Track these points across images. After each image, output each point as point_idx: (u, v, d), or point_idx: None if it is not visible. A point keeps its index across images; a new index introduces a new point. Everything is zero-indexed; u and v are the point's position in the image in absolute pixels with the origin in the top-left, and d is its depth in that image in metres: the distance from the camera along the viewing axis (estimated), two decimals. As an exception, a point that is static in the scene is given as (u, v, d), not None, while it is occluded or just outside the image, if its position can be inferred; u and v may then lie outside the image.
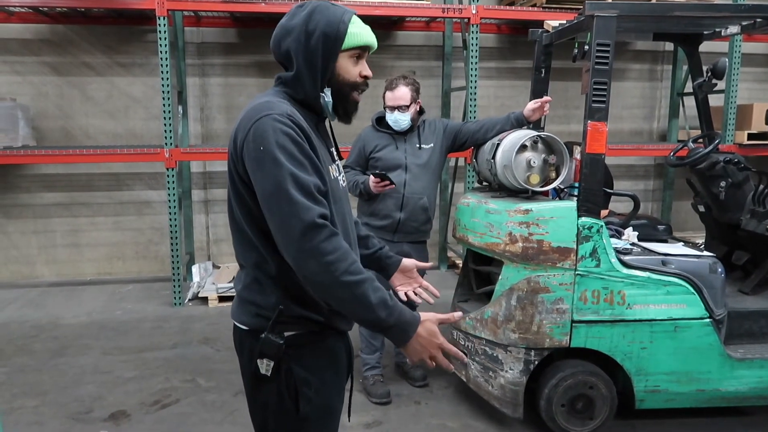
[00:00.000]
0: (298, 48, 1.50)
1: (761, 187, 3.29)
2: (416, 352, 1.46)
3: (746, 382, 2.94)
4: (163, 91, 4.82)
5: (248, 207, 1.47)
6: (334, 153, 1.66)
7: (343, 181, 1.66)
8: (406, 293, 1.80)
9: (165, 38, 4.75)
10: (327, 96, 1.54)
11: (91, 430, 3.08)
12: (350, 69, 1.55)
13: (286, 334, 1.50)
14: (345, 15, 1.51)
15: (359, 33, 1.52)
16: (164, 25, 4.74)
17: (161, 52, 4.76)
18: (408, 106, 3.25)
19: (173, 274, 5.07)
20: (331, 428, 1.62)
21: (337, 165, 1.64)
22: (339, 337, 1.60)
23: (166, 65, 4.78)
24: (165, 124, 4.87)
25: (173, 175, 4.96)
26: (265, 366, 1.49)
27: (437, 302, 1.75)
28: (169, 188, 4.98)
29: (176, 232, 5.05)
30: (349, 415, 1.76)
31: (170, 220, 5.03)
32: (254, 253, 1.50)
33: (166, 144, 4.90)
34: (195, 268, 5.59)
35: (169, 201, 5.00)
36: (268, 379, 1.50)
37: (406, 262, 1.81)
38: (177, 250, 5.06)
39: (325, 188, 1.45)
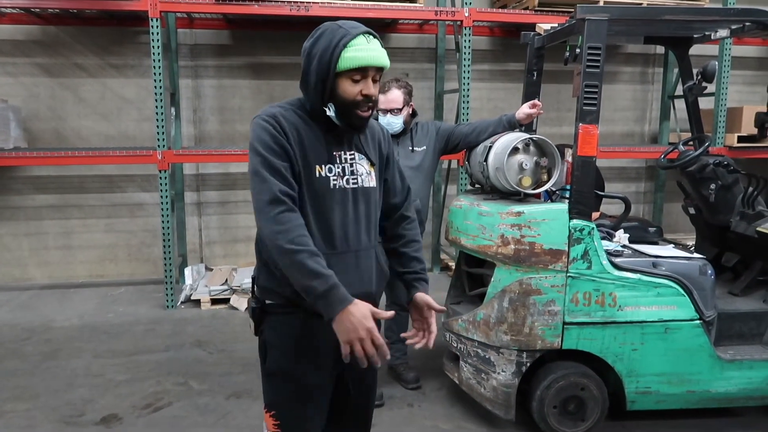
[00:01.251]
0: (304, 68, 1.71)
1: (750, 189, 3.32)
2: (345, 330, 1.55)
3: (736, 383, 2.97)
4: (155, 93, 4.81)
5: None
6: (346, 156, 1.77)
7: (351, 183, 1.75)
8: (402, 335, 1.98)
9: (158, 40, 4.74)
10: (330, 110, 1.70)
11: (83, 434, 3.07)
12: (348, 89, 1.68)
13: (266, 302, 1.77)
14: (343, 39, 1.63)
15: (354, 57, 1.64)
16: (157, 26, 4.73)
17: (154, 53, 4.75)
18: (400, 109, 3.27)
19: (166, 277, 5.06)
20: (300, 396, 1.78)
21: (345, 167, 1.76)
22: (317, 318, 1.63)
23: (159, 67, 4.77)
24: (158, 126, 4.86)
25: (166, 177, 4.95)
26: (251, 325, 1.82)
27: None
28: (161, 190, 4.97)
29: (169, 234, 5.03)
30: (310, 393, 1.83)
31: (163, 222, 5.01)
32: (257, 234, 1.75)
33: (158, 146, 4.89)
34: (188, 271, 5.58)
35: (162, 203, 4.99)
36: (256, 336, 1.84)
37: (418, 298, 1.87)
38: (170, 252, 5.04)
39: (298, 173, 1.67)
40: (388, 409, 3.31)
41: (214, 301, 5.10)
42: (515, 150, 2.89)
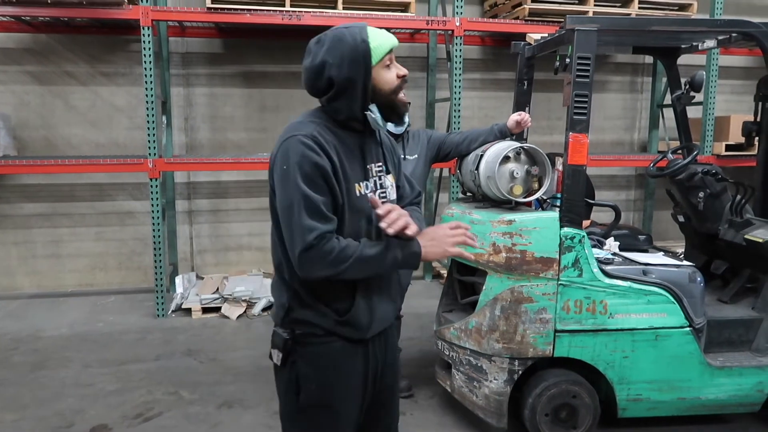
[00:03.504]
0: (333, 82, 1.59)
1: (738, 197, 3.36)
2: (435, 253, 1.63)
3: (725, 389, 2.99)
4: (147, 101, 4.80)
5: (276, 215, 1.65)
6: (375, 168, 1.73)
7: (381, 197, 1.71)
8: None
9: (149, 48, 4.73)
10: (374, 112, 1.64)
11: (72, 445, 3.04)
12: (387, 77, 1.65)
13: (297, 331, 1.66)
14: (361, 34, 1.60)
15: (380, 44, 1.62)
16: (148, 35, 4.73)
17: (145, 61, 4.74)
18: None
19: (156, 285, 5.03)
20: (332, 428, 1.70)
21: (375, 180, 1.72)
22: (350, 345, 1.68)
23: (150, 75, 4.76)
24: (149, 134, 4.85)
25: (157, 186, 4.93)
26: (275, 355, 1.69)
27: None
28: (152, 198, 4.95)
29: (159, 242, 5.01)
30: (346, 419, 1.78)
31: (153, 230, 4.99)
32: (276, 256, 1.69)
33: (149, 154, 4.88)
34: (178, 279, 5.55)
35: (153, 211, 4.97)
36: (282, 368, 1.69)
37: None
38: (160, 260, 5.02)
39: (341, 204, 1.59)
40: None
41: (205, 310, 5.07)
42: (506, 159, 2.90)
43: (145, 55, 4.74)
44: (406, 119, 3.27)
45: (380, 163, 1.76)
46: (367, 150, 1.71)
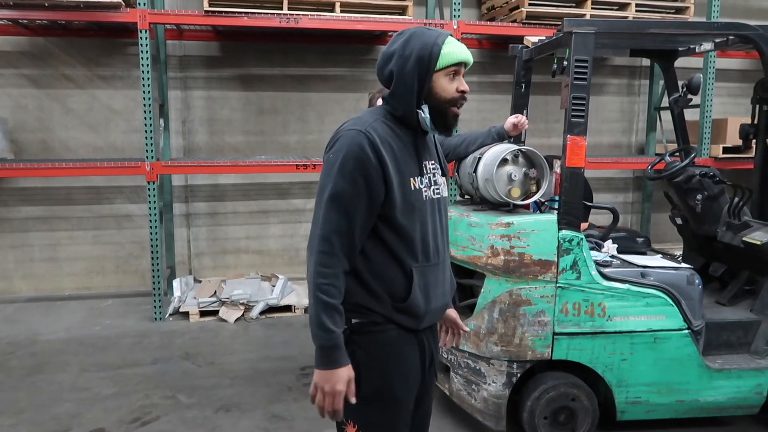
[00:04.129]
0: (396, 71, 1.65)
1: (736, 199, 3.36)
2: (322, 381, 1.59)
3: (724, 392, 2.99)
4: (144, 104, 4.79)
5: None
6: (429, 165, 1.77)
7: (435, 193, 1.76)
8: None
9: (147, 51, 4.73)
10: (424, 112, 1.67)
11: (69, 449, 3.02)
12: (446, 86, 1.69)
13: (354, 320, 1.66)
14: (439, 38, 1.65)
15: (452, 52, 1.66)
16: (146, 38, 4.72)
17: (143, 65, 4.74)
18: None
19: (154, 289, 5.01)
20: (393, 415, 1.72)
21: (429, 177, 1.75)
22: (405, 333, 1.71)
23: (148, 78, 4.76)
24: (146, 137, 4.84)
25: (154, 189, 4.92)
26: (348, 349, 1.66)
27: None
28: (150, 202, 4.94)
29: (157, 245, 5.00)
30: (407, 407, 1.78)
31: (151, 233, 4.98)
32: None
33: (147, 157, 4.87)
34: (176, 283, 5.53)
35: (150, 215, 4.96)
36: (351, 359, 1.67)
37: (450, 312, 1.95)
38: (158, 264, 5.00)
39: (391, 201, 1.62)
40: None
41: (203, 313, 5.06)
42: (504, 161, 2.90)
43: (142, 58, 4.73)
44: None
45: (434, 162, 1.81)
46: (422, 147, 1.76)
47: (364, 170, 1.59)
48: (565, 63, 2.86)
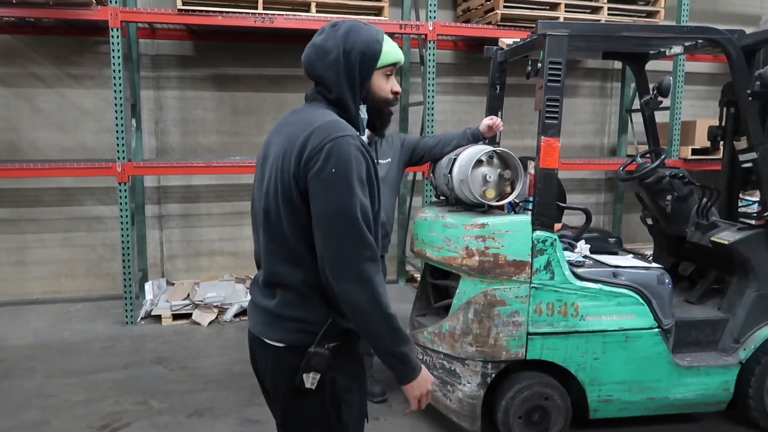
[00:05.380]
0: (339, 68, 1.54)
1: (705, 200, 3.43)
2: (418, 389, 1.57)
3: (693, 389, 3.04)
4: (115, 104, 4.70)
5: (303, 223, 1.49)
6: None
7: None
8: None
9: (118, 50, 4.64)
10: (363, 113, 1.63)
11: (36, 457, 2.95)
12: (383, 86, 1.63)
13: (332, 344, 1.54)
14: (378, 34, 1.60)
15: (391, 51, 1.62)
16: (117, 36, 4.64)
17: (114, 64, 4.65)
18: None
19: (125, 292, 4.92)
20: (362, 429, 1.69)
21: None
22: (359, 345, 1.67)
23: (119, 77, 4.67)
24: (117, 138, 4.75)
25: (126, 190, 4.84)
26: (311, 379, 1.52)
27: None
28: (121, 203, 4.85)
29: (129, 248, 4.91)
30: (367, 417, 1.74)
31: (122, 236, 4.89)
32: (303, 270, 1.52)
33: (118, 158, 4.78)
34: (148, 286, 5.44)
35: (122, 216, 4.87)
36: (310, 392, 1.53)
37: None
38: (129, 266, 4.91)
39: (378, 207, 1.56)
40: (354, 423, 3.27)
41: (176, 317, 4.98)
42: (479, 162, 2.92)
43: (114, 57, 4.64)
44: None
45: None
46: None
47: (369, 174, 1.50)
48: (539, 65, 2.89)
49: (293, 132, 1.51)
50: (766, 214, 3.08)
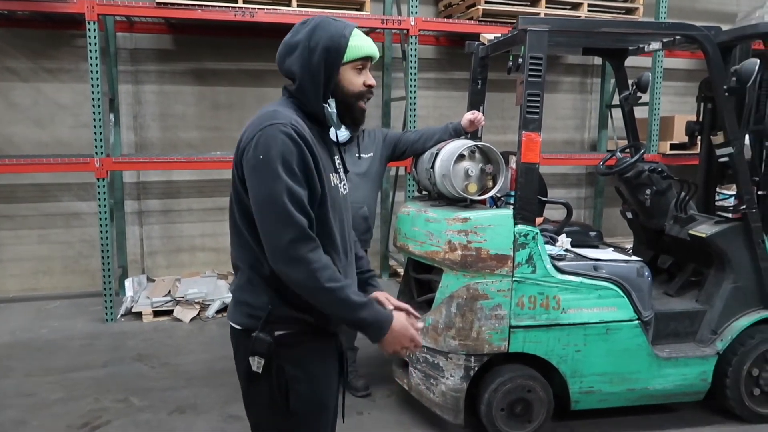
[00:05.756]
0: (302, 63, 1.58)
1: (683, 194, 3.48)
2: (392, 343, 1.61)
3: (672, 380, 3.09)
4: (93, 98, 4.63)
5: (246, 210, 1.56)
6: (338, 162, 1.75)
7: (344, 189, 1.75)
8: None
9: (95, 43, 4.56)
10: (331, 107, 1.62)
11: (14, 457, 2.90)
12: (354, 80, 1.64)
13: (277, 333, 1.58)
14: (346, 29, 1.60)
15: (360, 46, 1.62)
16: (94, 29, 4.56)
17: (91, 57, 4.57)
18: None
19: (104, 289, 4.85)
20: (323, 424, 1.72)
21: (339, 173, 1.73)
22: (328, 338, 1.69)
23: (96, 71, 4.60)
24: (95, 133, 4.68)
25: (104, 186, 4.77)
26: (256, 363, 1.58)
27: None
28: (99, 199, 4.77)
29: (108, 244, 4.84)
30: (343, 416, 1.80)
31: (101, 232, 4.82)
32: (249, 254, 1.59)
33: (96, 153, 4.70)
34: (128, 282, 5.37)
35: (100, 212, 4.79)
36: (260, 376, 1.59)
37: (378, 296, 1.82)
38: (108, 263, 4.85)
39: (322, 196, 1.57)
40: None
41: (157, 313, 4.93)
42: (461, 157, 2.93)
43: (90, 50, 4.57)
44: (343, 134, 3.23)
45: (338, 157, 1.77)
46: (330, 143, 1.73)
47: (304, 164, 1.52)
48: (520, 60, 2.90)
49: (247, 126, 1.60)
50: (742, 208, 3.13)
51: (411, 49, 5.26)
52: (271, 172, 1.48)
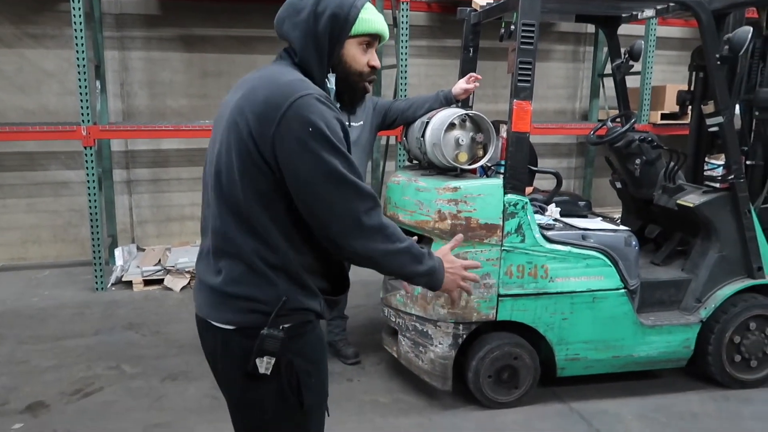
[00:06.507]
0: (306, 29, 1.44)
1: (672, 164, 3.49)
2: (449, 284, 1.57)
3: (656, 347, 3.15)
4: (78, 65, 4.54)
5: (261, 190, 1.38)
6: None
7: None
8: None
9: (79, 8, 4.45)
10: (330, 83, 1.50)
11: (6, 423, 2.92)
12: (358, 57, 1.50)
13: (287, 325, 1.42)
14: (358, 0, 1.47)
15: (370, 20, 1.48)
16: (78, -7, 4.45)
17: (75, 23, 4.47)
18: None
19: (94, 258, 4.85)
20: (323, 410, 1.61)
21: None
22: (319, 323, 1.57)
23: (81, 37, 4.50)
24: (81, 100, 4.60)
25: (92, 154, 4.71)
26: (265, 364, 1.40)
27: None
28: (87, 168, 4.73)
29: (96, 213, 4.81)
30: (327, 411, 1.65)
31: (90, 201, 4.79)
32: (255, 240, 1.39)
33: (83, 121, 4.64)
34: (118, 251, 5.36)
35: (88, 181, 4.75)
36: (266, 377, 1.41)
37: None
38: (98, 232, 4.83)
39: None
40: (328, 384, 3.32)
41: (147, 282, 4.94)
42: (452, 126, 2.91)
43: (74, 15, 4.46)
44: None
45: None
46: None
47: (344, 129, 1.42)
48: (513, 27, 2.86)
49: (253, 88, 1.40)
50: (730, 178, 3.15)
51: (402, 16, 5.18)
52: (326, 145, 1.33)
